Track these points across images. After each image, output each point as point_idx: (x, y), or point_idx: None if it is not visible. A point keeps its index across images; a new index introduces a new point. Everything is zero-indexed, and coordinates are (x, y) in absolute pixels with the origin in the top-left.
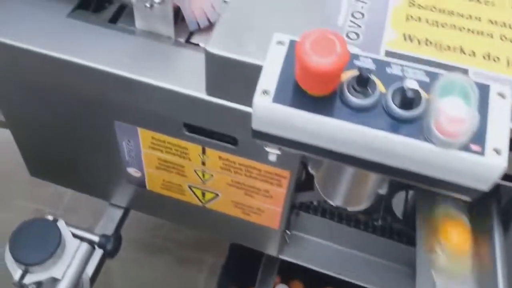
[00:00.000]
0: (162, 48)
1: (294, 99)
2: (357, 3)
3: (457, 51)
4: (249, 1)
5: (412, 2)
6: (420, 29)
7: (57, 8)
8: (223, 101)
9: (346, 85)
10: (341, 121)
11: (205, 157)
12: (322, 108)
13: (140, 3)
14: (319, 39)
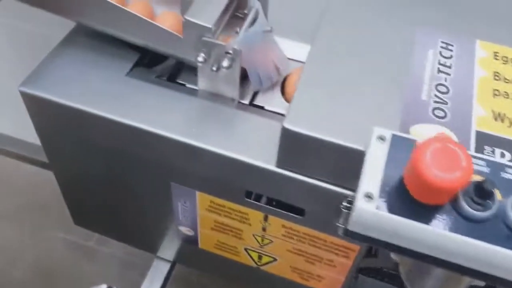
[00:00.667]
0: (226, 112)
1: (402, 207)
2: (440, 75)
3: None
4: (325, 74)
5: (498, 75)
6: (510, 106)
7: (116, 67)
8: (293, 174)
9: (462, 196)
10: (456, 235)
11: (266, 224)
12: (434, 218)
13: (206, 66)
14: (440, 150)
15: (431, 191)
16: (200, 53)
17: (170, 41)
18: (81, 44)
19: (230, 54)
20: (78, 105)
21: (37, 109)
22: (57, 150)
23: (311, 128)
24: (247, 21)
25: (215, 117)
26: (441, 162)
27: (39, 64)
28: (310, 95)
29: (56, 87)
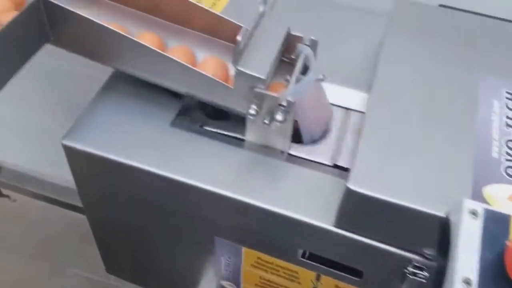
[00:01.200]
0: (276, 164)
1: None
2: (510, 130)
3: None
4: (387, 129)
5: None
6: None
7: (159, 115)
8: (353, 235)
9: None
10: None
11: (318, 283)
12: None
13: (258, 119)
14: None
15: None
16: (251, 105)
17: (218, 90)
18: (121, 91)
19: (284, 106)
20: (121, 159)
21: (80, 161)
22: (95, 200)
23: (378, 190)
24: (296, 68)
25: (264, 170)
26: None
27: (80, 114)
28: (374, 152)
29: (99, 140)
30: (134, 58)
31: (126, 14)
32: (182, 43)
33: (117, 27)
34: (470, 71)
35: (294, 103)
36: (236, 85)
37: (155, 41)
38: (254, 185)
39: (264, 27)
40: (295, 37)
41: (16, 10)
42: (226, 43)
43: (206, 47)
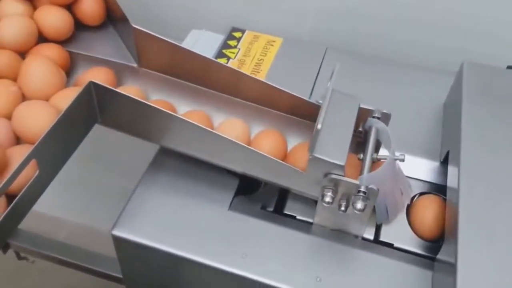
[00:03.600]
0: (350, 253)
1: None
2: None
3: None
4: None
5: None
6: None
7: (216, 198)
8: None
9: None
10: None
11: None
12: None
13: (334, 204)
14: None
15: None
16: (327, 192)
17: (287, 174)
18: (171, 169)
19: (363, 193)
20: (176, 251)
21: (129, 250)
22: None
23: None
24: (370, 145)
25: (338, 259)
26: None
27: (129, 201)
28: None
29: (149, 229)
30: (181, 136)
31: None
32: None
33: (163, 104)
34: None
35: (376, 190)
36: (310, 171)
37: (203, 118)
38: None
39: (336, 105)
40: (366, 110)
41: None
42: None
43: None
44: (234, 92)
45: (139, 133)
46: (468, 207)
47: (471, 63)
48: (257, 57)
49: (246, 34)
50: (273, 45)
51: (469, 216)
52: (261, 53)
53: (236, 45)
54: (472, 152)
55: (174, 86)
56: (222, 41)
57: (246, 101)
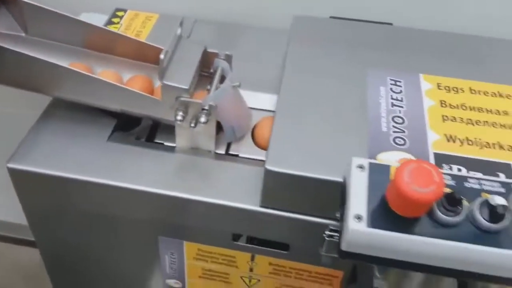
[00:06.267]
0: (206, 162)
1: (388, 223)
2: (394, 108)
3: (496, 147)
4: (295, 118)
5: (444, 103)
6: (458, 128)
7: (96, 134)
8: (277, 211)
9: (437, 206)
10: (435, 240)
11: (253, 263)
12: (417, 228)
13: (185, 123)
14: (416, 170)
15: (412, 205)
16: (178, 112)
17: (148, 104)
18: (60, 116)
19: (206, 110)
20: (66, 174)
21: (26, 183)
22: (43, 225)
23: (291, 167)
24: (215, 78)
25: (197, 168)
26: (418, 179)
27: (22, 140)
28: (285, 138)
29: (43, 160)
30: (71, 86)
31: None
32: (110, 68)
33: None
34: (360, 67)
35: (215, 106)
36: (164, 97)
37: (85, 69)
38: (189, 182)
39: (183, 47)
40: (212, 54)
41: None
42: (150, 65)
43: (133, 71)
44: (109, 50)
45: (29, 86)
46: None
47: (299, 16)
48: (137, 30)
49: (128, 13)
50: (151, 20)
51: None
52: (140, 27)
53: (119, 22)
54: (291, 82)
55: (60, 50)
56: (106, 19)
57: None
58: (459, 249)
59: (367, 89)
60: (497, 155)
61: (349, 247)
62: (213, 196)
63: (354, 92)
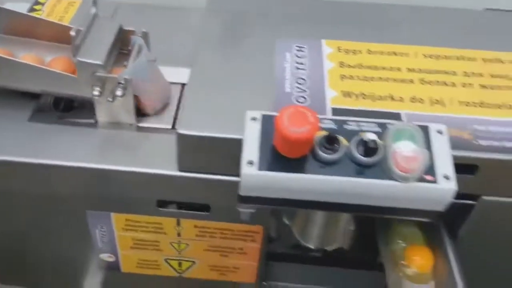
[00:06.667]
0: (127, 135)
1: (277, 165)
2: (298, 71)
3: (388, 99)
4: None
5: (342, 64)
6: (354, 85)
7: (16, 116)
8: (195, 174)
9: (317, 146)
10: (318, 176)
11: (180, 228)
12: (301, 168)
13: (102, 98)
14: (294, 113)
15: (293, 146)
16: (95, 87)
17: (66, 82)
18: None
19: (122, 84)
20: None
21: None
22: None
23: (201, 129)
24: (132, 54)
25: (119, 141)
26: (295, 122)
27: None
28: (196, 104)
29: None
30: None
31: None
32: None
33: None
34: (270, 38)
35: (130, 80)
36: (79, 74)
37: (5, 53)
38: (111, 154)
39: (98, 25)
40: (129, 31)
41: None
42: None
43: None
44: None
45: None
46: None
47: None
48: (59, 15)
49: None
50: (74, 5)
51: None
52: (63, 12)
53: (40, 9)
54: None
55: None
56: (29, 7)
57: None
58: (341, 183)
59: (275, 57)
60: (388, 105)
61: (245, 191)
62: (134, 165)
63: (262, 60)
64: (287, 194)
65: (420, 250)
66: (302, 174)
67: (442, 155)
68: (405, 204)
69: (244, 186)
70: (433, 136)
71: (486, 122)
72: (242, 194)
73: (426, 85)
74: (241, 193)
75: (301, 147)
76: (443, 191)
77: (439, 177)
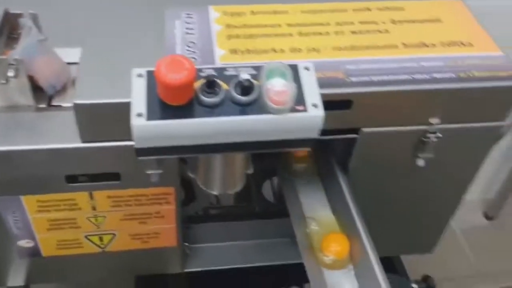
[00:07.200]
0: (27, 116)
1: (164, 113)
2: (188, 36)
3: (271, 52)
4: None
5: (229, 25)
6: (241, 43)
7: None
8: (98, 144)
9: (199, 91)
10: (203, 119)
11: (94, 201)
12: (187, 113)
13: None
14: (170, 62)
15: (174, 92)
16: None
17: None
18: None
19: (13, 64)
20: None
21: None
22: None
23: (95, 97)
24: (22, 37)
25: (20, 123)
26: (173, 69)
27: None
28: (90, 75)
29: None
30: None
31: None
32: None
33: None
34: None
35: (21, 60)
36: None
37: None
38: (12, 136)
39: None
40: (17, 15)
41: None
42: None
43: None
44: None
45: None
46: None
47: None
48: None
49: None
50: None
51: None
52: None
53: None
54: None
55: None
56: None
57: None
58: (224, 122)
59: (165, 25)
60: (271, 57)
61: (138, 143)
62: (37, 143)
63: (153, 29)
64: (178, 140)
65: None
66: (189, 119)
67: (310, 87)
68: (284, 135)
69: (137, 137)
70: (301, 72)
71: (357, 62)
72: (137, 147)
73: (303, 37)
74: (136, 145)
75: (183, 93)
76: (314, 117)
77: (308, 106)
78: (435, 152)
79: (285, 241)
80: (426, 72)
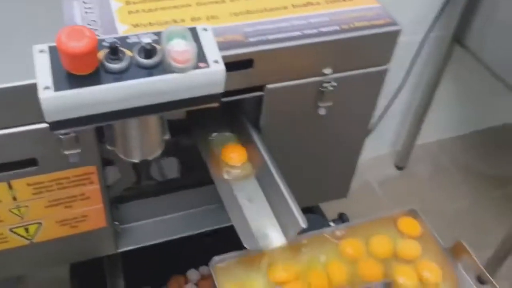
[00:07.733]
0: None
1: (71, 83)
2: (88, 15)
3: (172, 23)
4: None
5: (129, 2)
6: (142, 17)
7: None
8: (8, 130)
9: (104, 59)
10: (110, 84)
11: (13, 191)
12: (94, 81)
13: None
14: (71, 32)
15: (78, 60)
16: None
17: None
18: None
19: None
20: None
21: None
22: None
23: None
24: None
25: None
26: (74, 38)
27: None
28: None
29: None
30: None
31: None
32: None
33: None
34: None
35: None
36: None
37: None
38: None
39: None
40: None
41: None
42: None
43: None
44: None
45: None
46: None
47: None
48: None
49: None
50: None
51: None
52: None
53: None
54: None
55: None
56: None
57: None
58: (131, 86)
59: (62, 7)
60: None
61: (50, 116)
62: None
63: (51, 12)
64: (89, 109)
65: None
66: (96, 86)
67: (209, 46)
68: (191, 92)
69: (47, 110)
70: (200, 33)
71: (253, 24)
72: (49, 121)
73: (201, 6)
74: (47, 119)
75: (87, 61)
76: (216, 72)
77: (210, 62)
78: (333, 100)
79: (212, 208)
80: (314, 27)
